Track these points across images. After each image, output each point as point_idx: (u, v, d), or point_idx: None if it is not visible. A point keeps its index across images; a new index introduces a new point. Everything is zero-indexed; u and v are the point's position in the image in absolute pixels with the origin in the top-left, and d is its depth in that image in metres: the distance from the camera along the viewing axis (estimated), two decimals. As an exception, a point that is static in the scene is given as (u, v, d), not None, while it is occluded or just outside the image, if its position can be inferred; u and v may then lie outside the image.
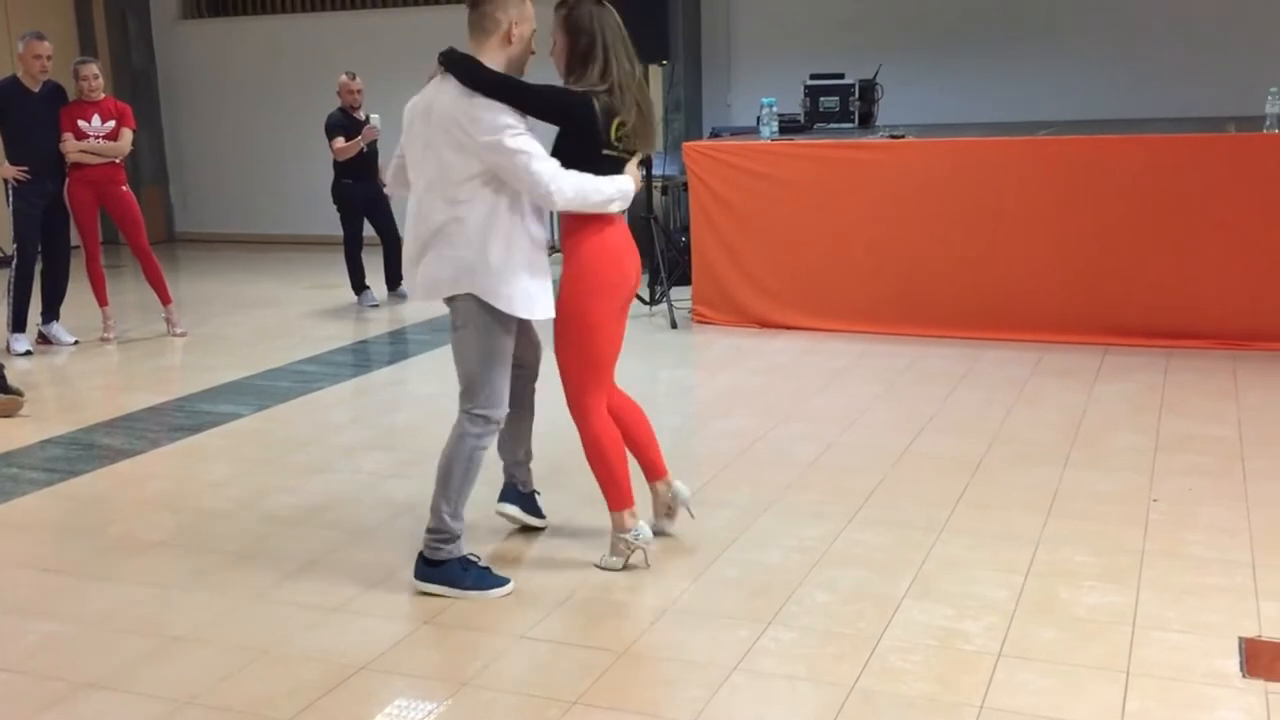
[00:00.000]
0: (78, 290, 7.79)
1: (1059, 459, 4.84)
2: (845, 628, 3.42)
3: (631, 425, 4.00)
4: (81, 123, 7.44)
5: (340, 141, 8.53)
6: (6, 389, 6.03)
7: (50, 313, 7.68)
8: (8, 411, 5.97)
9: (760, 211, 7.36)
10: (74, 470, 5.13)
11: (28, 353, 7.39)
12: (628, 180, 3.71)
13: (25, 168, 7.26)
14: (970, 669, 3.17)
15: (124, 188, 7.69)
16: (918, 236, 7.01)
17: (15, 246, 7.42)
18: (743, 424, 5.50)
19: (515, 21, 3.59)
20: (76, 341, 7.69)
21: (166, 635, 3.52)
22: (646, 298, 7.98)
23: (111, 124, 7.53)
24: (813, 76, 8.92)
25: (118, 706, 3.13)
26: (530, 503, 4.21)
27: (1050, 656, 3.22)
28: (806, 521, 4.24)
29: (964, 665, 3.19)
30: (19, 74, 7.32)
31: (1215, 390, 5.77)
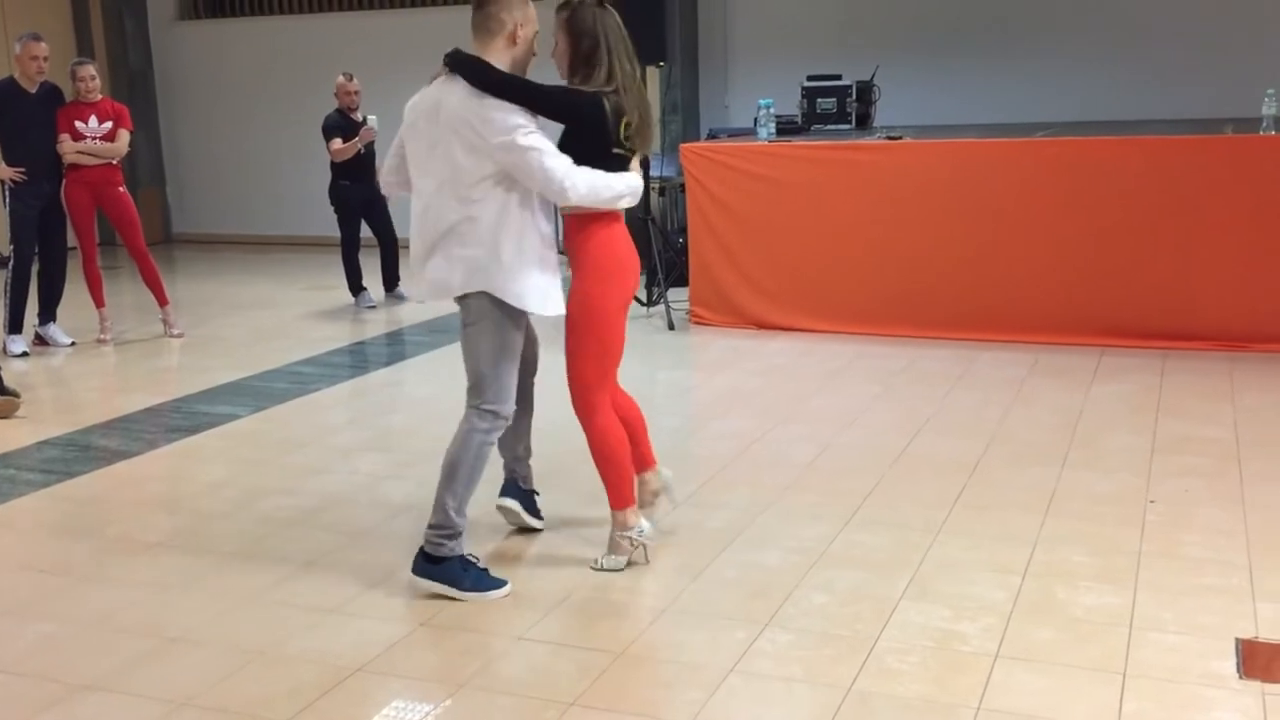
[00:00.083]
0: (74, 291, 7.79)
1: (1056, 460, 4.84)
2: (842, 629, 3.43)
3: (627, 416, 4.01)
4: (78, 124, 7.43)
5: (338, 143, 8.53)
6: (3, 390, 6.02)
7: (47, 314, 7.67)
8: (4, 413, 5.96)
9: (758, 213, 7.36)
10: (71, 471, 5.13)
11: (24, 354, 7.38)
12: (636, 176, 3.75)
13: (22, 169, 7.25)
14: (967, 670, 3.17)
15: (121, 189, 7.69)
16: (915, 238, 7.01)
17: (12, 248, 7.41)
18: (740, 425, 5.50)
19: (520, 23, 3.61)
20: (73, 343, 7.68)
21: (163, 636, 3.52)
22: (644, 299, 7.98)
23: (108, 125, 7.52)
24: (810, 78, 8.92)
25: (115, 708, 3.13)
26: (529, 501, 4.21)
27: (1047, 657, 3.23)
28: (804, 523, 4.25)
29: (961, 666, 3.19)
30: (16, 75, 7.31)
31: (1212, 392, 5.78)
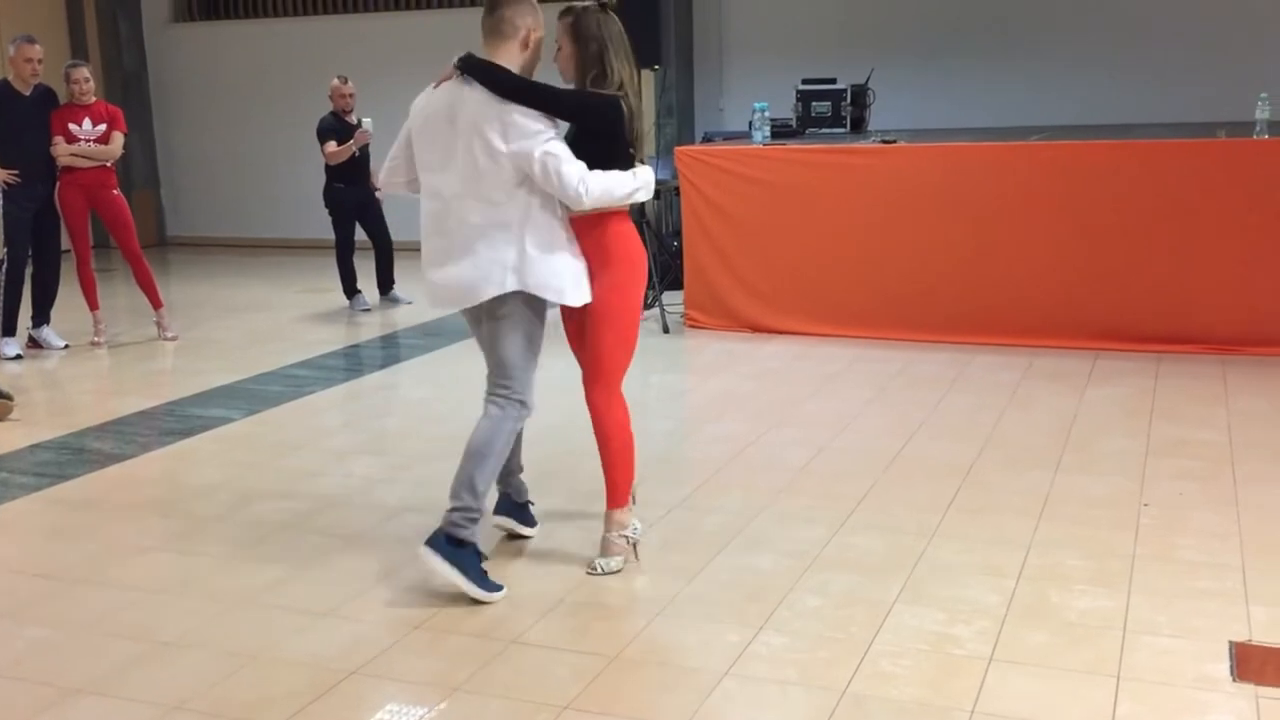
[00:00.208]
0: (68, 294, 7.77)
1: (1050, 463, 4.85)
2: (837, 632, 3.43)
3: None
4: (72, 126, 7.42)
5: (332, 146, 8.52)
6: (-4, 393, 6.02)
7: (40, 317, 7.65)
8: (-2, 415, 5.96)
9: (752, 216, 7.36)
10: (64, 474, 5.11)
11: (18, 357, 7.37)
12: (647, 169, 3.80)
13: (16, 171, 7.23)
14: (961, 673, 3.17)
15: (115, 191, 7.68)
16: (910, 241, 7.01)
17: (5, 250, 7.39)
18: (734, 429, 5.50)
19: (532, 28, 3.68)
20: (67, 345, 7.66)
21: (156, 640, 3.51)
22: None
23: (103, 127, 7.51)
24: (805, 81, 8.93)
25: (107, 712, 3.12)
26: (524, 512, 4.22)
27: (1041, 661, 3.23)
28: (798, 526, 4.24)
29: (955, 670, 3.19)
30: (10, 77, 7.31)
31: (1205, 395, 5.78)
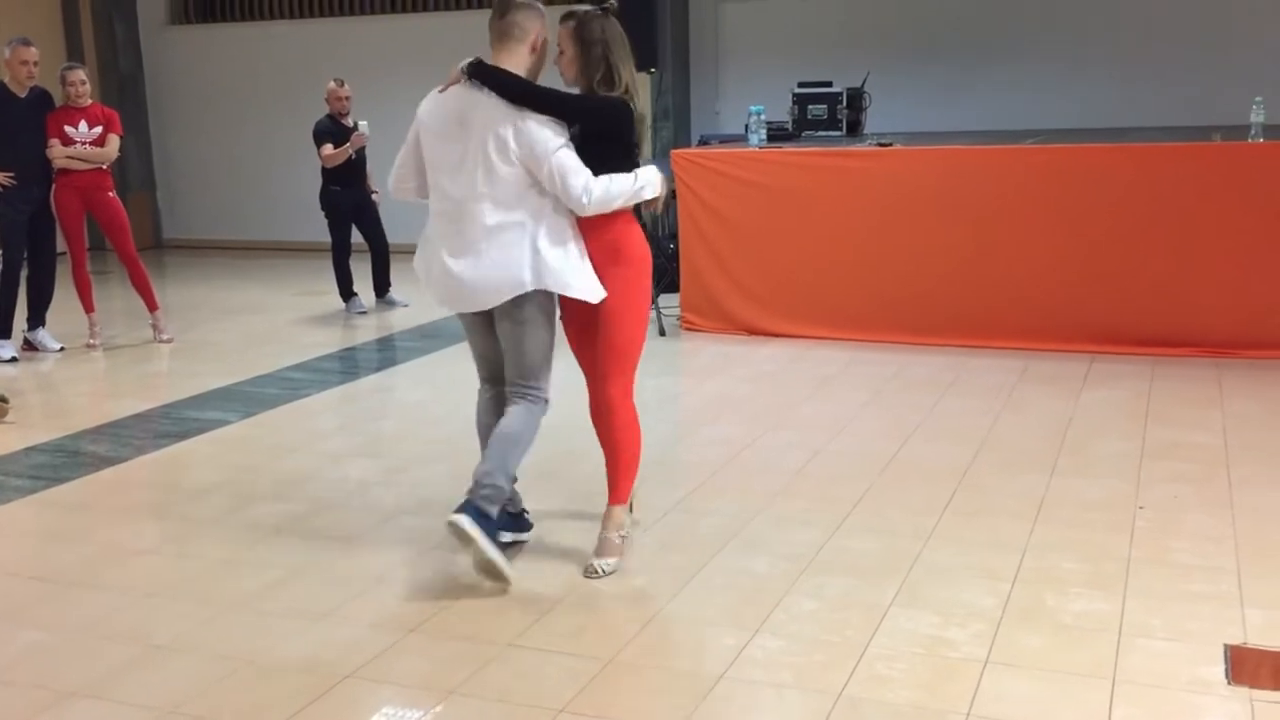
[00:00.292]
0: (64, 296, 7.76)
1: (1046, 466, 4.85)
2: (832, 635, 3.43)
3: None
4: (68, 128, 7.42)
5: (328, 148, 8.52)
6: (-9, 396, 6.01)
7: (36, 319, 7.64)
8: (-7, 418, 5.95)
9: (748, 219, 7.37)
10: (59, 477, 5.11)
11: (13, 359, 7.36)
12: (649, 169, 3.83)
13: (11, 174, 7.23)
14: (957, 676, 3.17)
15: (111, 194, 7.68)
16: (906, 244, 7.02)
17: (1, 253, 7.39)
18: (730, 431, 5.50)
19: (541, 33, 3.75)
20: (62, 348, 7.65)
21: (151, 643, 3.51)
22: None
23: (98, 130, 7.51)
24: (801, 84, 8.94)
25: (102, 715, 3.11)
26: (520, 520, 4.20)
27: (1036, 664, 3.23)
28: (794, 529, 4.24)
29: (950, 673, 3.19)
30: (5, 80, 7.29)
31: (1201, 398, 5.79)
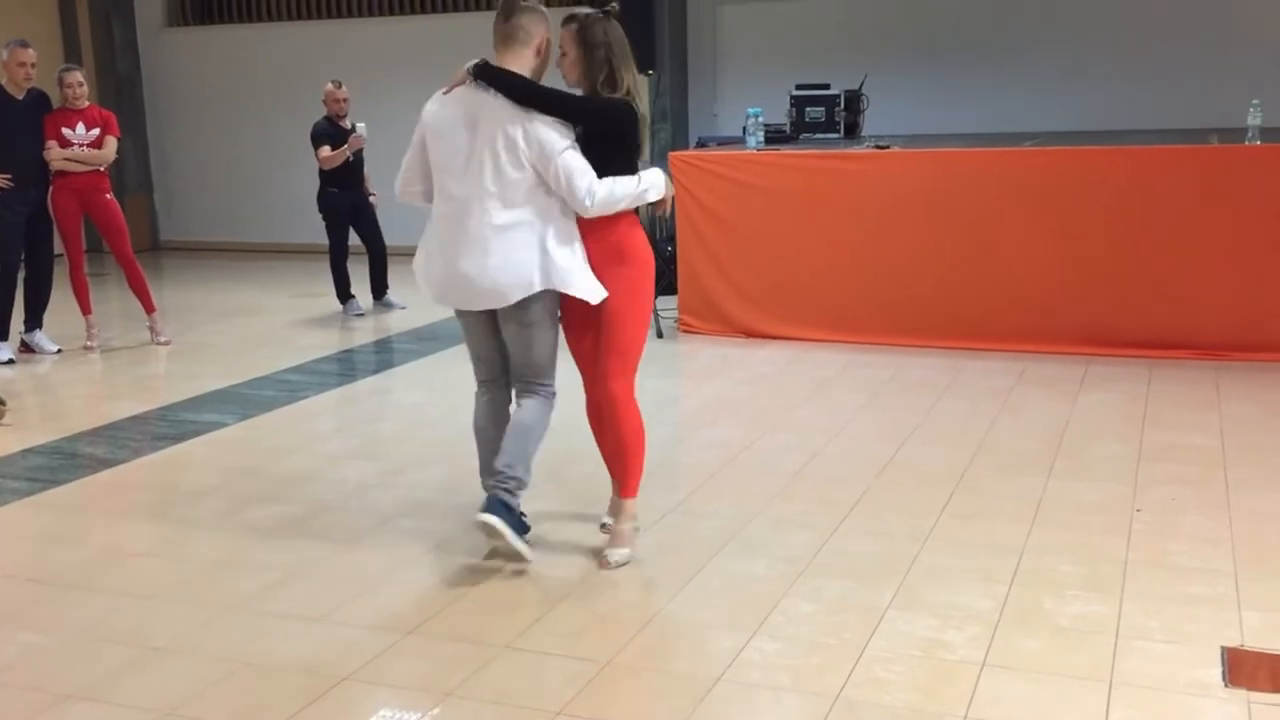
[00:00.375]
0: (61, 298, 7.76)
1: (1043, 469, 4.85)
2: (830, 638, 3.43)
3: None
4: (66, 130, 7.41)
5: (326, 150, 8.51)
6: (-12, 398, 6.01)
7: (33, 321, 7.63)
8: (-11, 420, 5.95)
9: (746, 221, 7.37)
10: (56, 480, 5.10)
11: (10, 361, 7.35)
12: (653, 171, 3.89)
13: (9, 175, 7.22)
14: (954, 679, 3.17)
15: (108, 195, 7.66)
16: (903, 247, 7.02)
17: (-2, 255, 7.39)
18: (728, 434, 5.50)
19: (545, 36, 3.81)
20: (59, 350, 7.65)
21: (148, 645, 3.50)
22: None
23: (96, 132, 7.50)
24: (798, 87, 8.94)
25: (99, 718, 3.11)
26: (518, 524, 4.19)
27: (1034, 666, 3.23)
28: (791, 531, 4.24)
29: (948, 675, 3.19)
30: (3, 82, 7.28)
31: (1198, 400, 5.79)
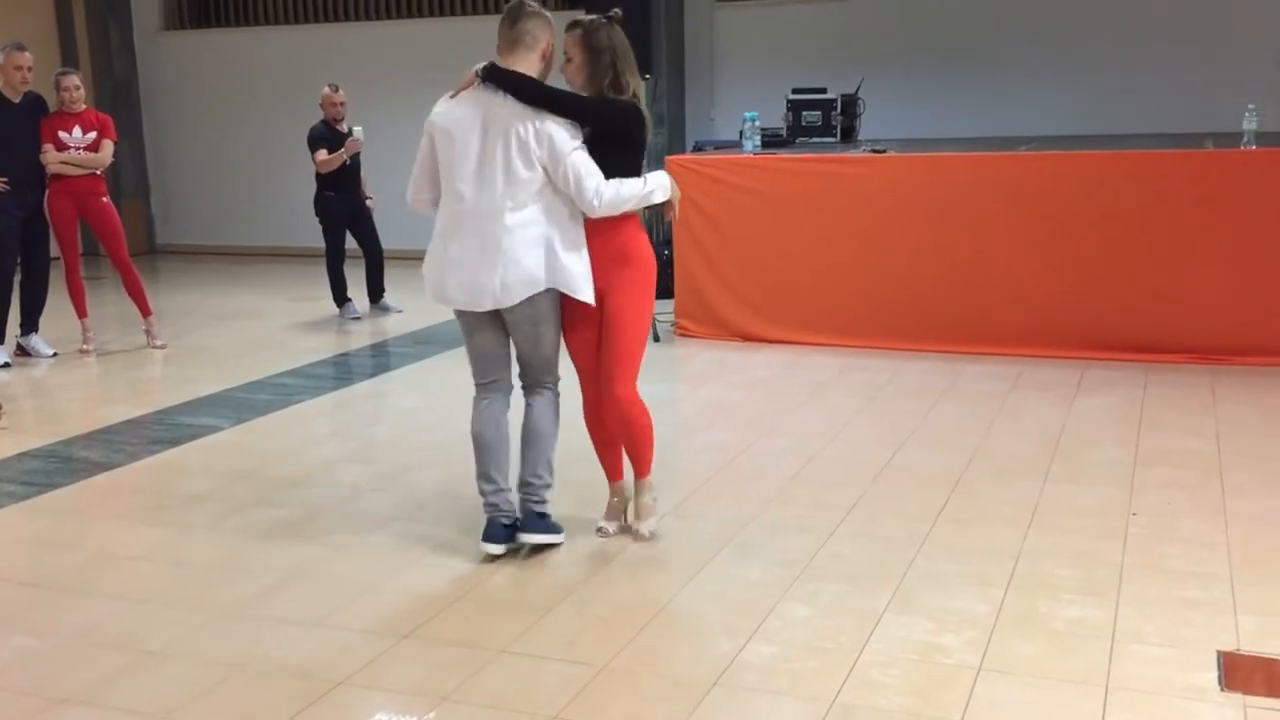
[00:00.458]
0: (57, 302, 7.75)
1: (1039, 473, 4.85)
2: (826, 642, 3.42)
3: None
4: (62, 134, 7.41)
5: (323, 154, 8.51)
6: (-16, 401, 6.01)
7: (29, 324, 7.62)
8: (-15, 424, 5.94)
9: (743, 225, 7.37)
10: (52, 483, 5.09)
11: (6, 365, 7.34)
12: (659, 173, 3.96)
13: (5, 179, 7.21)
14: (950, 683, 3.17)
15: (104, 199, 7.66)
16: (900, 251, 7.03)
17: (-6, 258, 7.39)
18: (725, 437, 5.50)
19: (550, 40, 3.88)
20: (55, 353, 7.64)
21: (143, 650, 3.50)
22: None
23: (92, 135, 7.50)
24: (795, 91, 8.94)
25: (93, 722, 3.11)
26: (515, 528, 4.18)
27: (1030, 670, 3.23)
28: (788, 535, 4.24)
29: (944, 679, 3.19)
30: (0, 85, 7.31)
31: (1194, 404, 5.80)
